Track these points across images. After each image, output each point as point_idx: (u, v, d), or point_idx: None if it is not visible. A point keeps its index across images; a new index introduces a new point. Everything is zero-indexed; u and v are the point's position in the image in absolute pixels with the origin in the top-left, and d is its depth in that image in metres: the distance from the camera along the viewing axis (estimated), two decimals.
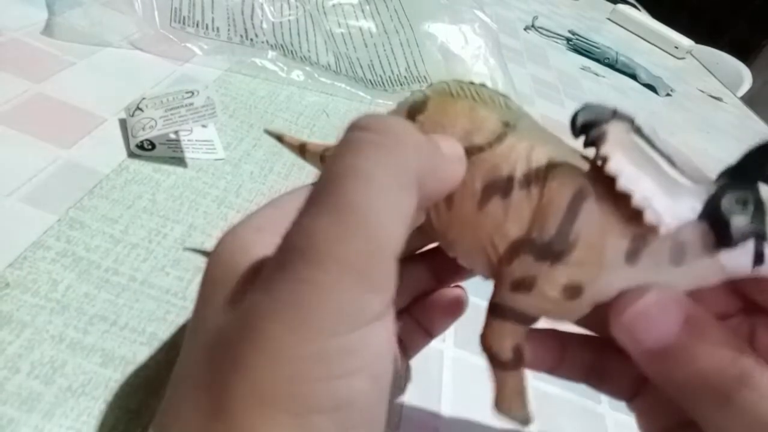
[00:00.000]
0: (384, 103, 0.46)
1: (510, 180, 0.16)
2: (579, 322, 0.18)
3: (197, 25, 0.41)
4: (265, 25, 0.43)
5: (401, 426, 0.23)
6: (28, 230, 0.24)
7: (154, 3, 0.40)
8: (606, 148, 0.14)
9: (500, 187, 0.16)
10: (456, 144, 0.16)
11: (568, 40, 0.90)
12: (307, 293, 0.12)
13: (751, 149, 0.14)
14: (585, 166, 0.15)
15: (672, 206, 0.14)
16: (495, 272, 0.16)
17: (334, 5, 0.47)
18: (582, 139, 0.15)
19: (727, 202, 0.14)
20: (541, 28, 0.89)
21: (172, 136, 0.32)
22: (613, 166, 0.14)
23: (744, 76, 1.48)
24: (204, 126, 0.33)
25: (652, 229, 0.14)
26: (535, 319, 0.16)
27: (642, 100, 0.84)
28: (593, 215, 0.15)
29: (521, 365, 0.17)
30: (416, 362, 0.23)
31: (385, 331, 0.13)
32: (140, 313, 0.23)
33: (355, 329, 0.12)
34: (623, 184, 0.14)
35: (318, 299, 0.12)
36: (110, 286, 0.24)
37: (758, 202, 0.14)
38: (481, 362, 0.27)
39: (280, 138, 0.25)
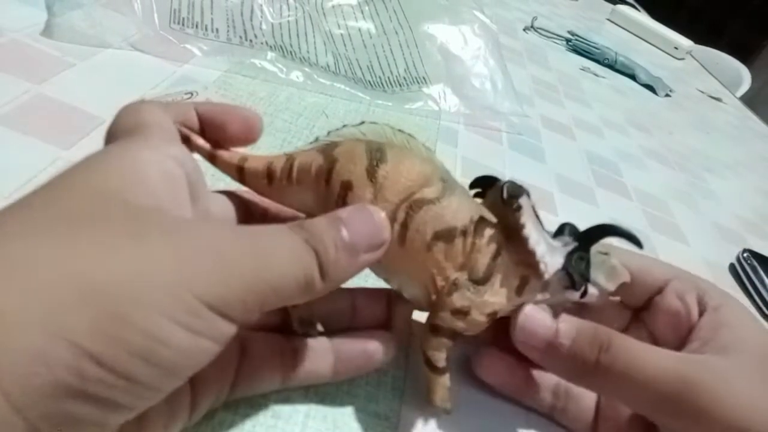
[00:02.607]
0: (383, 104, 0.46)
1: (453, 230, 0.21)
2: (488, 340, 0.25)
3: (196, 26, 0.41)
4: (264, 26, 0.43)
5: (401, 426, 0.23)
6: None
7: (154, 4, 0.40)
8: (523, 218, 0.21)
9: (444, 234, 0.21)
10: (380, 222, 0.19)
11: (568, 40, 0.90)
12: None
13: (594, 226, 0.22)
14: (493, 219, 0.22)
15: (551, 261, 0.22)
16: (431, 301, 0.22)
17: (333, 6, 0.47)
18: (505, 205, 0.21)
19: (573, 262, 0.22)
20: (540, 28, 0.89)
21: None
22: (526, 232, 0.21)
23: (743, 76, 1.48)
24: None
25: (538, 274, 0.22)
26: (460, 335, 0.22)
27: (641, 101, 0.84)
28: (505, 261, 0.21)
29: (448, 370, 0.22)
30: (416, 361, 0.23)
31: None
32: None
33: None
34: (530, 244, 0.21)
35: None
36: None
37: (588, 261, 0.23)
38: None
39: (212, 157, 0.23)
